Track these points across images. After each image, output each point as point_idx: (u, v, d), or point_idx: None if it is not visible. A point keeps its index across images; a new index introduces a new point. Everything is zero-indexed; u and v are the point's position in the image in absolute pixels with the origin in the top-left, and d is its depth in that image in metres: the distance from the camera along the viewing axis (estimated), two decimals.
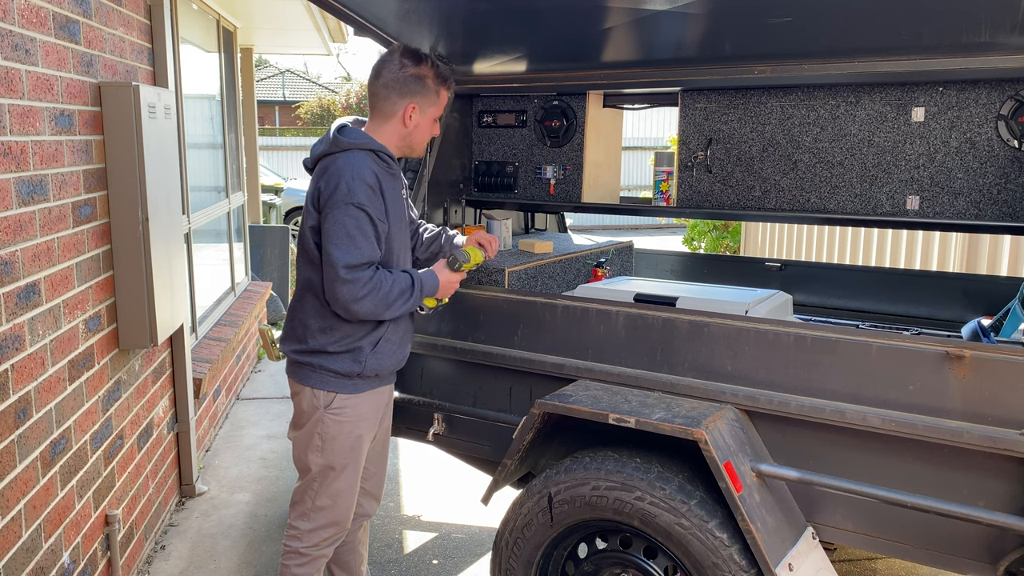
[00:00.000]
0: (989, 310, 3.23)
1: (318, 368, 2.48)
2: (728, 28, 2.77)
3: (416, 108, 2.48)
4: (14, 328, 2.41)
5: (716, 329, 2.38)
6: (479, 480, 3.17)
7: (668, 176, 3.53)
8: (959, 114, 2.83)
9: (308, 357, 2.49)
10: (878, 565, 3.49)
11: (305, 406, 2.52)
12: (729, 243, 9.55)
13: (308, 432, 2.52)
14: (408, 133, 2.52)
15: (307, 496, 2.57)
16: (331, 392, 2.49)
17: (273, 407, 5.66)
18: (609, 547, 2.46)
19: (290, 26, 7.35)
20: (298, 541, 2.59)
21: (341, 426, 2.51)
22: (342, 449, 2.53)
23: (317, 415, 2.50)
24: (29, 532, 2.48)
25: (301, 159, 2.90)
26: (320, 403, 2.49)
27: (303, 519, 2.58)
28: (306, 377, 2.51)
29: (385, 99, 2.48)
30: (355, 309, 2.35)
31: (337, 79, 35.86)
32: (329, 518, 2.58)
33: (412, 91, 2.46)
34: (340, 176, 2.34)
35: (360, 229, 2.33)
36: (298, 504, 2.60)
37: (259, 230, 7.90)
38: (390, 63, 2.47)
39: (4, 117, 2.38)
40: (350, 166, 2.36)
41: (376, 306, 2.37)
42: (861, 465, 2.20)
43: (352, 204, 2.32)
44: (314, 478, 2.55)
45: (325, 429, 2.50)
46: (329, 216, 2.34)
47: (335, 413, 2.50)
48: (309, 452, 2.53)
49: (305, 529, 2.58)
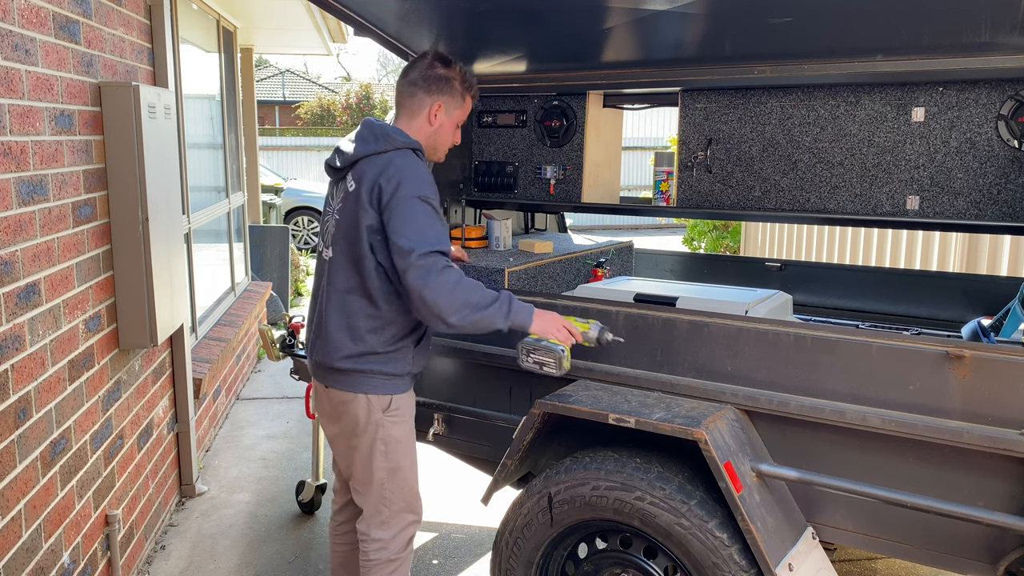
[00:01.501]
0: (989, 310, 3.23)
1: (371, 373, 2.43)
2: (728, 28, 2.77)
3: (442, 107, 2.49)
4: (14, 328, 2.41)
5: (716, 329, 2.38)
6: (479, 480, 3.16)
7: (668, 176, 3.53)
8: (959, 114, 2.83)
9: (358, 362, 2.42)
10: (878, 565, 3.49)
11: (361, 414, 2.45)
12: (729, 243, 9.55)
13: (369, 440, 2.46)
14: (433, 132, 2.51)
15: (382, 505, 2.51)
16: (387, 395, 2.45)
17: (273, 407, 5.66)
18: (609, 547, 2.46)
19: (290, 26, 7.35)
20: (385, 551, 2.53)
21: (401, 427, 2.49)
22: (405, 449, 2.52)
23: (376, 421, 2.45)
24: (29, 532, 2.48)
25: (301, 159, 2.89)
26: (378, 408, 2.45)
27: (383, 528, 2.53)
28: (358, 384, 2.44)
29: (412, 96, 2.48)
30: (428, 296, 2.22)
31: (337, 79, 35.88)
32: (407, 518, 2.56)
33: (439, 90, 2.48)
34: (402, 172, 2.34)
35: (428, 221, 2.31)
36: (374, 515, 2.53)
37: (259, 230, 7.90)
38: (420, 62, 2.50)
39: (4, 117, 2.38)
40: (409, 163, 2.37)
41: (450, 298, 2.22)
42: (861, 465, 2.20)
43: (418, 197, 2.31)
44: (384, 484, 2.50)
45: (388, 433, 2.47)
46: (397, 210, 2.30)
47: (394, 416, 2.47)
48: (374, 460, 2.47)
49: (388, 537, 2.53)
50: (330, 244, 2.48)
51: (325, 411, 2.59)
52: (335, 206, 2.48)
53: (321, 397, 2.58)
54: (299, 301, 9.15)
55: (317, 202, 13.68)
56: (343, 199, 2.44)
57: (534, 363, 2.40)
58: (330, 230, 2.49)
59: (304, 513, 4.07)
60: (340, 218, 2.43)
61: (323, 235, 2.55)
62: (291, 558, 3.66)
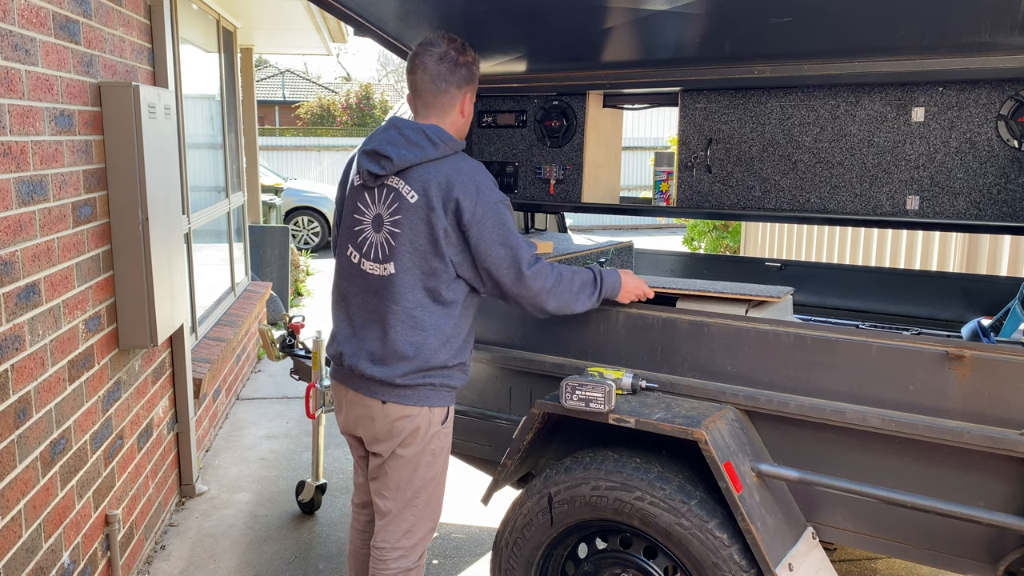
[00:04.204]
0: (989, 310, 3.23)
1: (436, 386, 2.38)
2: (728, 28, 2.77)
3: (469, 97, 2.42)
4: (14, 328, 2.41)
5: (716, 329, 2.38)
6: (479, 480, 3.16)
7: (668, 176, 3.53)
8: (959, 114, 2.83)
9: (427, 377, 2.35)
10: (878, 565, 3.49)
11: (421, 427, 2.39)
12: (729, 243, 9.55)
13: (421, 451, 2.41)
14: (464, 123, 2.45)
15: (409, 513, 2.48)
16: (445, 407, 2.43)
17: (273, 407, 5.66)
18: (609, 547, 2.46)
19: (290, 26, 7.35)
20: (407, 559, 2.50)
21: (448, 437, 2.49)
22: (446, 459, 2.50)
23: (433, 432, 2.42)
24: (29, 532, 2.48)
25: (301, 159, 2.88)
26: (437, 421, 2.42)
27: (408, 536, 2.49)
28: (425, 398, 2.37)
29: (443, 92, 2.35)
30: (546, 301, 2.32)
31: (337, 79, 35.87)
32: (430, 525, 2.54)
33: (466, 80, 2.38)
34: (476, 178, 2.29)
35: (514, 224, 2.32)
36: (399, 523, 2.49)
37: (259, 230, 7.90)
38: (433, 52, 2.34)
39: (4, 117, 2.38)
40: (475, 167, 2.32)
41: (564, 295, 2.35)
42: (861, 465, 2.20)
43: (501, 202, 2.29)
44: (417, 493, 2.46)
45: (439, 444, 2.45)
46: (488, 219, 2.26)
47: (447, 426, 2.46)
48: (419, 470, 2.43)
49: (411, 544, 2.50)
50: (387, 259, 2.32)
51: (371, 426, 2.43)
52: (383, 216, 2.33)
53: (364, 412, 2.43)
54: (299, 301, 9.15)
55: (317, 202, 13.66)
56: (397, 208, 2.30)
57: (579, 400, 2.32)
58: (381, 243, 2.33)
59: (304, 513, 4.07)
60: (400, 231, 2.29)
61: (361, 246, 2.38)
62: (291, 558, 3.66)
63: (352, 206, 2.43)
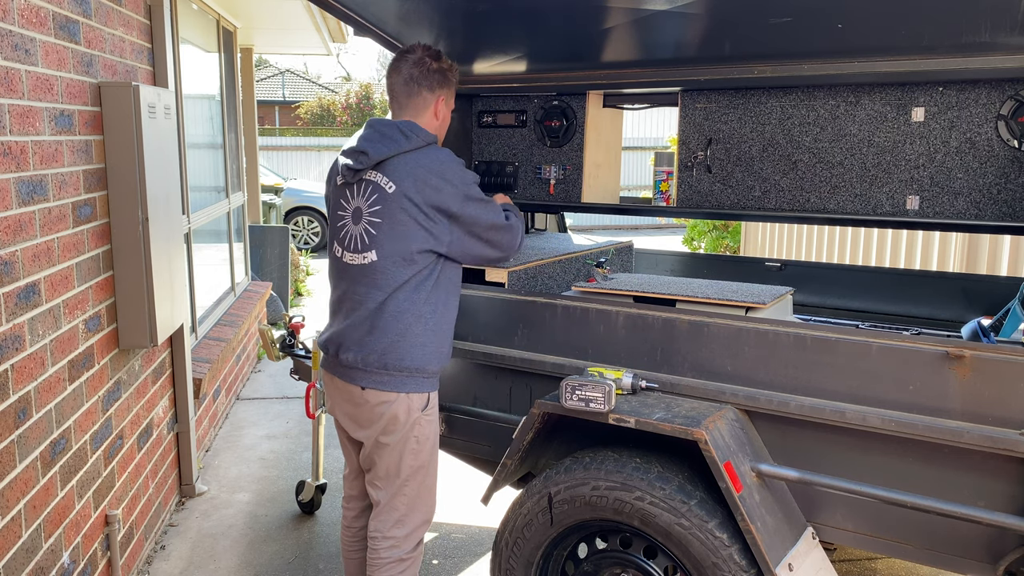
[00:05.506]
0: (989, 310, 3.23)
1: (414, 372, 2.44)
2: (728, 28, 2.77)
3: (443, 100, 2.55)
4: (14, 328, 2.41)
5: (716, 329, 2.38)
6: (479, 480, 3.16)
7: (668, 176, 3.53)
8: (959, 114, 2.83)
9: (402, 361, 2.44)
10: (878, 565, 3.49)
11: (401, 413, 2.46)
12: (729, 243, 9.55)
13: (403, 438, 2.47)
14: (439, 126, 2.57)
15: (399, 502, 2.52)
16: (425, 393, 2.48)
17: (273, 407, 5.66)
18: (609, 547, 2.46)
19: (290, 26, 7.36)
20: (398, 549, 2.54)
21: (432, 424, 2.53)
22: (433, 446, 2.54)
23: (414, 419, 2.47)
24: (29, 532, 2.48)
25: (301, 159, 2.90)
26: (417, 407, 2.47)
27: (399, 526, 2.53)
28: (402, 384, 2.44)
29: (415, 95, 2.51)
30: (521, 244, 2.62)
31: (337, 79, 35.88)
32: (422, 516, 2.57)
33: (440, 84, 2.53)
34: (446, 164, 2.44)
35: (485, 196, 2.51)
36: (390, 512, 2.53)
37: (259, 230, 7.90)
38: (409, 58, 2.51)
39: (4, 117, 2.38)
40: (445, 154, 2.47)
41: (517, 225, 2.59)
42: (861, 465, 2.20)
43: (473, 183, 2.47)
44: (406, 481, 2.51)
45: (422, 431, 2.49)
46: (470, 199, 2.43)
47: (429, 413, 2.51)
48: (404, 457, 2.49)
49: (402, 535, 2.54)
50: (366, 248, 2.43)
51: (354, 412, 2.54)
52: (362, 208, 2.43)
53: (347, 398, 2.53)
54: (299, 301, 9.15)
55: (317, 202, 13.66)
56: (374, 200, 2.41)
57: (579, 400, 2.33)
58: (359, 234, 2.44)
59: (304, 513, 4.07)
60: (380, 220, 2.40)
61: (343, 240, 2.49)
62: (291, 558, 3.66)
63: (335, 204, 2.56)
